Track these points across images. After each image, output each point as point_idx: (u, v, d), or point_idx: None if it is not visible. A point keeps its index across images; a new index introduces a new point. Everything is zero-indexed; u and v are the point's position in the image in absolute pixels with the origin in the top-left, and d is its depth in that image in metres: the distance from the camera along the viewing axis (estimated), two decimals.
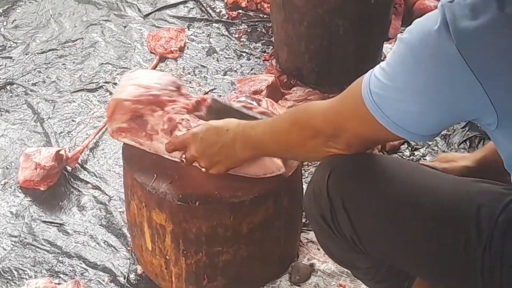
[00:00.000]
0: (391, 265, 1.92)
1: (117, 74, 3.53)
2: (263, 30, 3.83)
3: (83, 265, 2.58)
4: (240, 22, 3.90)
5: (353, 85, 1.66)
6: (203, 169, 2.09)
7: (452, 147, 3.04)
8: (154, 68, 3.54)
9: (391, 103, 1.56)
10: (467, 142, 3.05)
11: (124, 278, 2.52)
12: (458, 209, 1.65)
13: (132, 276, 2.53)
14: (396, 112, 1.56)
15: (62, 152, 2.86)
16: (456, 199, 1.66)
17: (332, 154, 1.76)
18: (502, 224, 1.58)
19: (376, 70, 1.59)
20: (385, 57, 3.47)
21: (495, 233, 1.59)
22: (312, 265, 2.52)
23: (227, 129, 2.00)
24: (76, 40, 3.78)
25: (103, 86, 3.44)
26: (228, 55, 3.66)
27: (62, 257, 2.60)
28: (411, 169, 1.79)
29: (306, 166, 2.92)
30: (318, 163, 1.87)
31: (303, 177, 2.53)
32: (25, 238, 2.67)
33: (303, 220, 2.59)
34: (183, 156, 2.11)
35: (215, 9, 4.00)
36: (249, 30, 3.84)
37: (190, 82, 3.47)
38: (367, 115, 1.59)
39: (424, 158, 2.98)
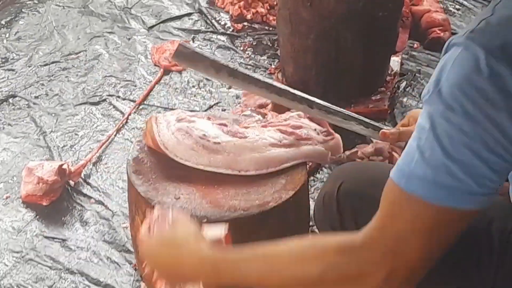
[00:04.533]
0: None
1: (121, 87, 3.49)
2: (269, 43, 3.80)
3: (86, 282, 2.54)
4: (245, 35, 3.87)
5: (383, 196, 1.42)
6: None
7: None
8: (158, 81, 3.50)
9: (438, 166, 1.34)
10: None
11: None
12: (472, 223, 1.60)
13: None
14: (460, 178, 1.33)
15: (65, 166, 2.83)
16: None
17: None
18: None
19: (400, 159, 1.40)
20: (392, 70, 3.44)
21: (508, 250, 1.56)
22: None
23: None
24: (80, 52, 3.75)
25: (107, 99, 3.41)
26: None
27: (64, 273, 2.57)
28: None
29: (313, 181, 2.88)
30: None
31: (309, 193, 2.50)
32: (27, 254, 2.63)
33: None
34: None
35: (220, 21, 3.98)
36: (254, 43, 3.81)
37: (195, 96, 3.44)
38: (418, 207, 1.34)
39: None
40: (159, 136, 2.26)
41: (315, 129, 2.35)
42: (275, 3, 3.93)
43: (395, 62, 3.48)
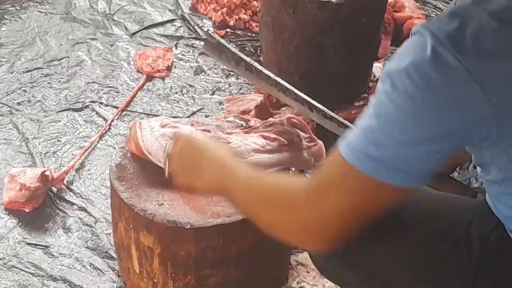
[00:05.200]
0: (383, 283, 1.90)
1: (104, 93, 3.49)
2: (252, 50, 3.81)
3: None
4: (228, 41, 3.87)
5: (330, 157, 1.54)
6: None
7: None
8: (141, 87, 3.50)
9: (383, 145, 1.44)
10: None
11: None
12: (447, 225, 1.65)
13: None
14: (389, 154, 1.43)
15: (47, 172, 2.82)
16: (445, 215, 1.67)
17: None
18: (495, 242, 1.58)
19: (353, 131, 1.51)
20: (374, 76, 3.46)
21: (487, 251, 1.59)
22: None
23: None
24: (62, 58, 3.74)
25: (89, 106, 3.40)
26: (216, 74, 3.63)
27: (47, 280, 2.56)
28: None
29: None
30: None
31: None
32: (10, 261, 2.62)
33: None
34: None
35: (203, 27, 3.98)
36: (237, 49, 3.81)
37: (178, 102, 3.44)
38: (353, 176, 1.45)
39: None
40: (142, 141, 2.26)
41: (298, 135, 2.36)
42: (258, 10, 3.93)
43: (377, 68, 3.50)
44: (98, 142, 3.16)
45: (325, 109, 2.49)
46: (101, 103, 3.42)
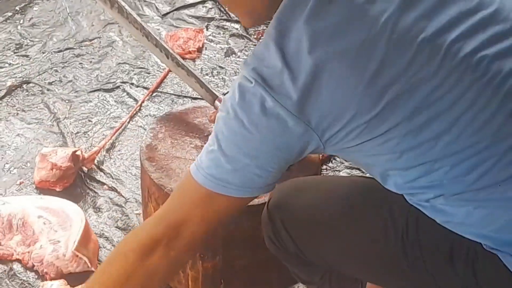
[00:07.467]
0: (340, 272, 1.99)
1: (134, 74, 3.50)
2: None
3: None
4: None
5: (181, 183, 1.66)
6: None
7: None
8: None
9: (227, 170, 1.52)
10: None
11: None
12: (376, 206, 1.72)
13: None
14: (225, 170, 1.52)
15: (78, 152, 2.84)
16: (373, 198, 1.73)
17: (178, 264, 1.72)
18: (414, 212, 1.61)
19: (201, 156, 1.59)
20: None
21: (409, 221, 1.65)
22: None
23: None
24: (94, 39, 3.76)
25: (120, 86, 3.41)
26: (247, 56, 3.62)
27: None
28: (334, 181, 1.97)
29: (325, 171, 2.88)
30: None
31: None
32: None
33: None
34: None
35: None
36: None
37: (208, 84, 3.43)
38: (206, 195, 1.56)
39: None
40: None
41: None
42: None
43: None
44: (128, 122, 3.18)
45: (178, 57, 2.53)
46: (132, 84, 3.44)
